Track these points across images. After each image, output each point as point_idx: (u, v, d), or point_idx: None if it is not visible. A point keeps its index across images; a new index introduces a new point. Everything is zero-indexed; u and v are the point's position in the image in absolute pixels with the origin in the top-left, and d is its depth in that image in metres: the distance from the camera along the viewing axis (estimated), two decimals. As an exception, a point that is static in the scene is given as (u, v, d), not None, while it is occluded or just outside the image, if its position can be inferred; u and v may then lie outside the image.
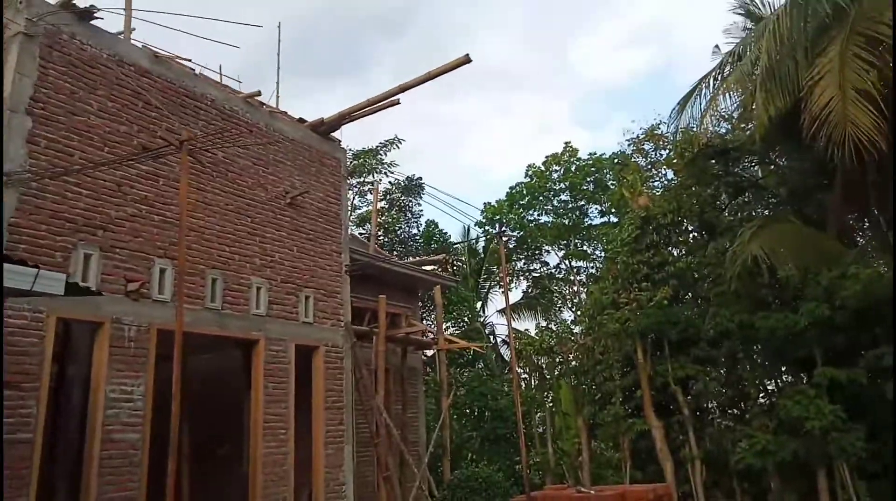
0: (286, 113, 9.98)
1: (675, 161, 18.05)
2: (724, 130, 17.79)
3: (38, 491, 6.45)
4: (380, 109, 9.94)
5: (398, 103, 9.80)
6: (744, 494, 13.77)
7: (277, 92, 10.84)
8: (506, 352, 29.03)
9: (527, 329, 28.03)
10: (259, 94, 9.41)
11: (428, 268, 14.68)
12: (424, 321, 13.05)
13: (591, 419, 17.17)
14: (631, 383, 15.94)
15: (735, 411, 15.80)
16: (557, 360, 19.18)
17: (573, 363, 17.76)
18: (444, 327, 14.12)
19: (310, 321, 9.82)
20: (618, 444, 16.25)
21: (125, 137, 7.66)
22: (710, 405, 15.92)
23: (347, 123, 10.41)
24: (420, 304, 16.01)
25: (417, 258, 18.16)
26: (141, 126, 7.89)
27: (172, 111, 7.92)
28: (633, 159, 23.86)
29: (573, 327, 23.26)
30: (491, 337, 27.85)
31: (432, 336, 13.09)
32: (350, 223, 23.45)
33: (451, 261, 13.05)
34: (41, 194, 6.88)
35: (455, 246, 12.70)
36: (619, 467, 15.89)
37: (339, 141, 11.19)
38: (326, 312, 10.18)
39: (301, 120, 10.46)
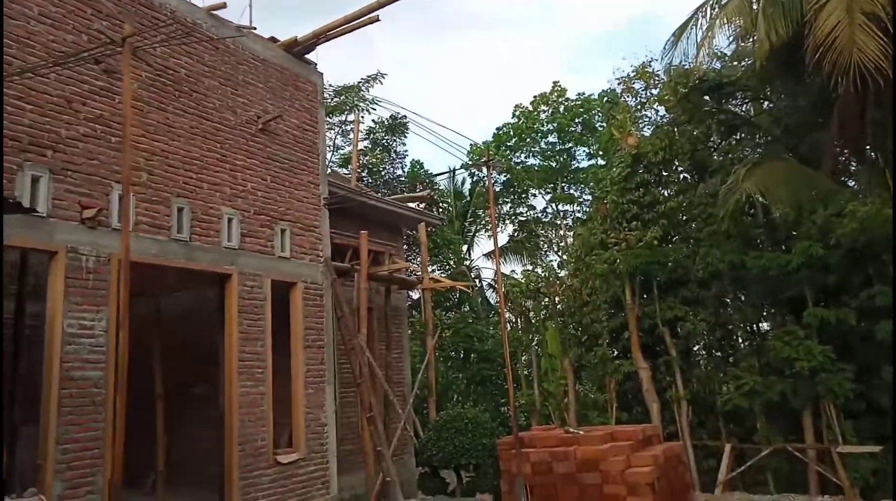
0: (255, 29, 9.16)
1: (667, 97, 17.39)
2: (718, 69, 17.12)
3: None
4: (358, 26, 9.17)
5: (377, 20, 9.04)
6: (729, 434, 13.73)
7: (251, 12, 9.96)
8: (491, 296, 28.83)
9: (513, 270, 27.78)
10: (224, 6, 8.57)
11: (412, 205, 14.10)
12: (409, 263, 12.55)
13: (577, 361, 17.01)
14: (618, 324, 15.71)
15: (722, 353, 15.69)
16: (544, 302, 18.91)
17: (560, 305, 17.47)
18: (429, 268, 13.66)
19: (286, 256, 9.27)
20: (604, 386, 16.13)
21: (72, 46, 6.88)
22: (697, 347, 15.78)
23: (323, 42, 9.63)
24: (405, 246, 15.50)
25: (401, 195, 17.53)
26: (91, 36, 7.09)
27: (126, 20, 7.11)
28: (622, 99, 23.16)
29: (559, 271, 22.98)
30: (477, 281, 27.54)
31: (417, 276, 12.63)
32: (332, 163, 22.64)
33: (435, 198, 12.42)
34: (-22, 108, 6.16)
35: (438, 177, 12.10)
36: (605, 408, 15.81)
37: (315, 64, 10.40)
38: (304, 247, 9.63)
39: (273, 39, 9.65)
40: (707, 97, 15.95)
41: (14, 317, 7.47)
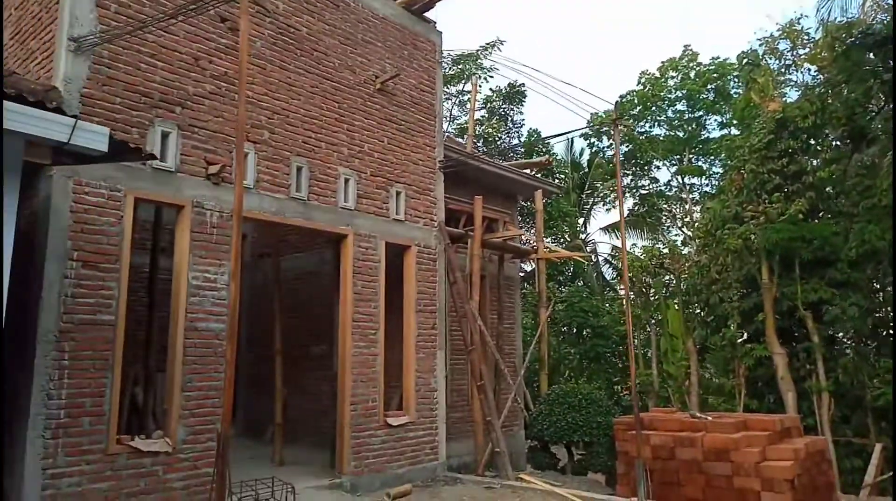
0: (375, -15, 8.96)
1: (820, 55, 15.54)
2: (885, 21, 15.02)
3: (123, 377, 6.28)
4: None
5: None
6: (879, 432, 12.29)
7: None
8: (607, 272, 27.75)
9: (634, 245, 26.51)
10: (345, -39, 8.42)
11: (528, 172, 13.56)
12: (523, 234, 12.08)
13: (700, 342, 15.92)
14: (751, 305, 14.48)
15: (874, 342, 14.04)
16: (666, 278, 17.83)
17: (684, 283, 16.36)
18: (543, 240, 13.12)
19: (401, 219, 9.14)
20: (730, 370, 15.00)
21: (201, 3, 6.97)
22: (844, 334, 14.23)
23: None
24: (519, 217, 15.03)
25: (518, 161, 16.97)
26: (217, -8, 7.16)
27: (251, -23, 7.11)
28: (763, 61, 21.08)
29: (682, 247, 21.59)
30: (592, 256, 26.55)
31: (532, 246, 12.17)
32: (448, 133, 22.46)
33: (552, 165, 11.80)
34: (114, 65, 6.38)
35: (555, 139, 11.42)
36: (732, 395, 14.71)
37: (434, 23, 10.09)
38: (418, 210, 9.46)
39: (393, -4, 9.42)
40: (871, 54, 14.07)
41: (149, 270, 7.86)
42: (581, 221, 27.61)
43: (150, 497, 6.20)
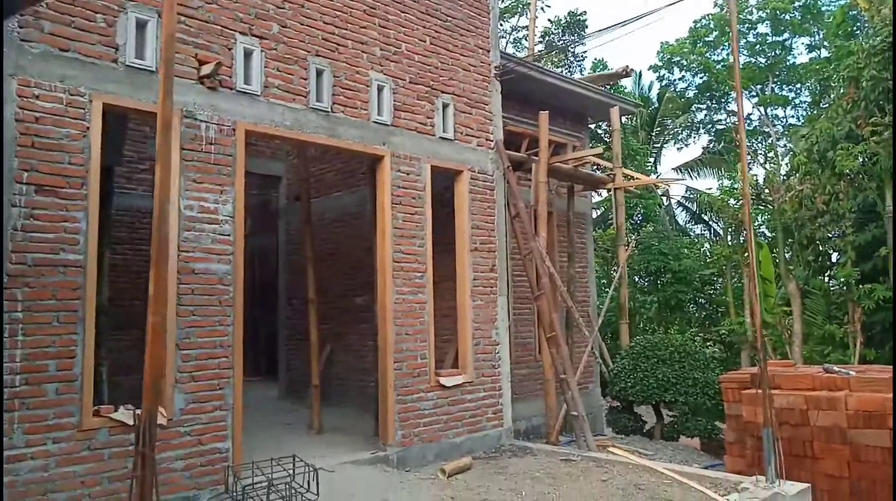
0: None
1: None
2: None
3: (97, 332, 4.98)
4: None
5: None
6: None
7: None
8: (680, 215, 25.40)
9: (709, 188, 24.08)
10: None
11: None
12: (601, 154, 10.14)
13: (804, 284, 13.78)
14: (869, 239, 12.25)
15: None
16: (760, 208, 15.59)
17: (783, 217, 14.10)
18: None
19: (449, 137, 7.48)
20: (841, 316, 12.88)
21: None
22: None
23: None
24: (590, 142, 13.08)
25: (588, 76, 14.81)
26: None
27: None
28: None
29: (764, 186, 19.14)
30: (664, 198, 24.22)
31: (609, 174, 10.29)
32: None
33: (631, 72, 9.79)
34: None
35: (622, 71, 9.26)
36: (844, 344, 12.61)
37: None
38: (471, 127, 7.77)
39: None
40: None
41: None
42: (651, 160, 25.19)
43: (143, 481, 4.91)
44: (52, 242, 4.67)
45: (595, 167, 10.49)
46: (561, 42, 23.92)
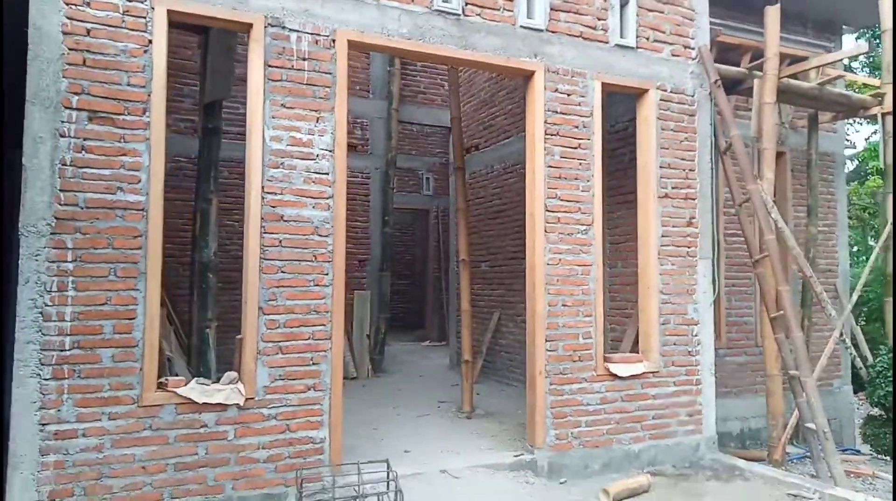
0: None
1: None
2: None
3: (165, 287, 4.17)
4: None
5: None
6: None
7: None
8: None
9: None
10: None
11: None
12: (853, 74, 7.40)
13: None
14: None
15: None
16: None
17: None
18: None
19: (630, 44, 5.57)
20: None
21: None
22: None
23: None
24: (840, 59, 9.92)
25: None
26: None
27: None
28: None
29: None
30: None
31: (868, 97, 7.42)
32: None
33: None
34: None
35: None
36: None
37: None
38: (661, 29, 5.77)
39: None
40: None
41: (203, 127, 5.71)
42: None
43: (217, 472, 4.05)
44: (107, 179, 3.90)
45: (852, 89, 7.64)
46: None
